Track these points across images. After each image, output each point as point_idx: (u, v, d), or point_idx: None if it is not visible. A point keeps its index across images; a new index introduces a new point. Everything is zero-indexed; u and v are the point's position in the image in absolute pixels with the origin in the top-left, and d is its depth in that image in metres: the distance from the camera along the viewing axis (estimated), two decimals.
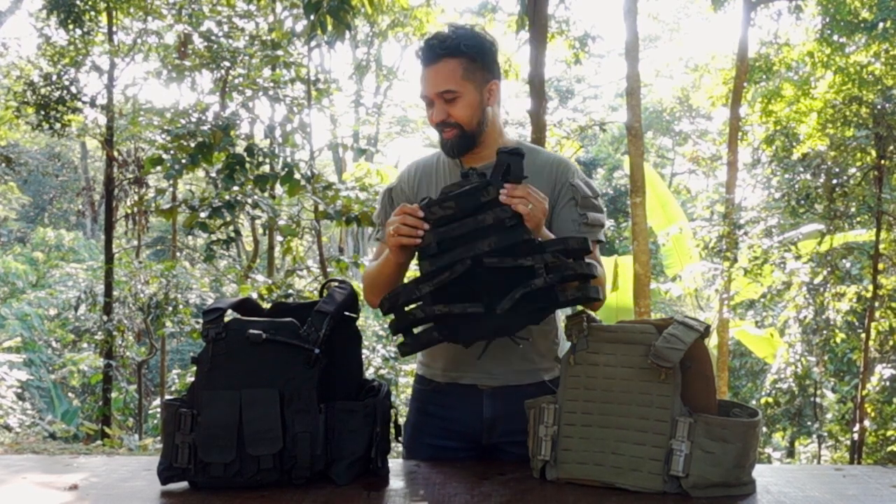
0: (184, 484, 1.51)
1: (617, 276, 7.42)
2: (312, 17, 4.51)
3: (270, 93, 5.87)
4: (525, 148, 1.78)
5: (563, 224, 1.72)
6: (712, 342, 6.55)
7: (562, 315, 1.83)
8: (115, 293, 8.26)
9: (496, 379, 1.73)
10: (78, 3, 7.41)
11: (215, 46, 6.15)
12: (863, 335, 6.08)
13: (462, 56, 1.67)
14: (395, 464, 1.67)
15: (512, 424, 1.70)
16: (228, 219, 5.08)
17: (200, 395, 1.48)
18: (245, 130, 5.76)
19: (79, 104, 7.82)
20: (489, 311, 1.48)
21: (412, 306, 1.54)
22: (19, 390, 8.81)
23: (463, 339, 1.55)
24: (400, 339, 1.58)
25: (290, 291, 5.57)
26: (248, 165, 5.22)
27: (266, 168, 5.51)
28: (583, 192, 1.73)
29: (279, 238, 7.01)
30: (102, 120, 8.30)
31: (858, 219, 6.46)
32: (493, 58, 1.73)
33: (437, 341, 1.55)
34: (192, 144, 5.10)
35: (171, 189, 7.07)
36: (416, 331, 1.57)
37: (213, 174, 5.47)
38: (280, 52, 5.95)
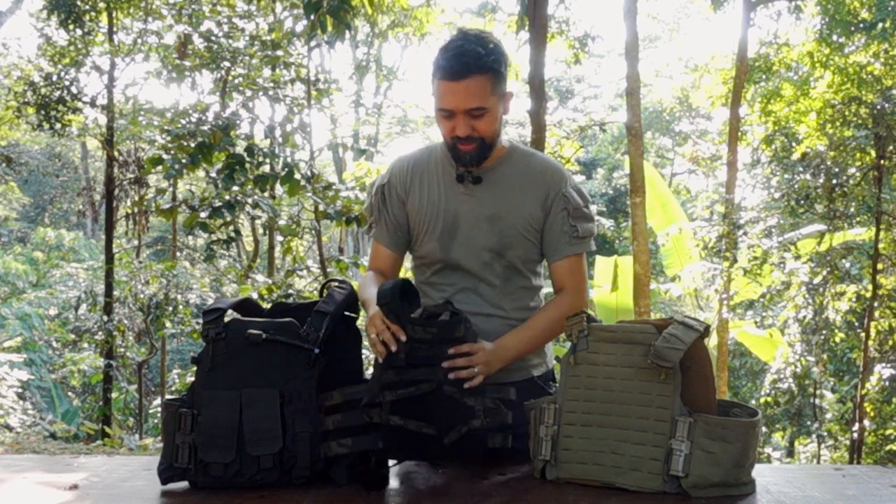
0: (184, 484, 1.51)
1: (617, 276, 7.42)
2: (312, 17, 4.51)
3: (270, 93, 5.88)
4: (520, 152, 1.79)
5: (553, 235, 1.74)
6: (712, 342, 6.55)
7: None
8: (116, 293, 8.26)
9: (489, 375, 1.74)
10: (78, 3, 7.42)
11: (215, 46, 6.15)
12: (862, 335, 6.08)
13: (490, 72, 1.64)
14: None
15: None
16: (228, 219, 5.08)
17: (200, 395, 1.49)
18: (245, 130, 5.76)
19: (79, 104, 7.83)
20: (439, 436, 1.49)
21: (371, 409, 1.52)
22: (20, 390, 8.81)
23: (404, 455, 1.57)
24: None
25: (290, 291, 5.58)
26: (248, 165, 5.23)
27: (266, 168, 5.51)
28: (574, 202, 1.73)
29: (279, 238, 7.01)
30: (103, 120, 8.32)
31: (858, 219, 6.46)
32: (507, 67, 1.72)
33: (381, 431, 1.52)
34: (192, 144, 5.10)
35: (171, 189, 7.07)
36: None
37: (213, 174, 5.47)
38: (280, 53, 5.95)
